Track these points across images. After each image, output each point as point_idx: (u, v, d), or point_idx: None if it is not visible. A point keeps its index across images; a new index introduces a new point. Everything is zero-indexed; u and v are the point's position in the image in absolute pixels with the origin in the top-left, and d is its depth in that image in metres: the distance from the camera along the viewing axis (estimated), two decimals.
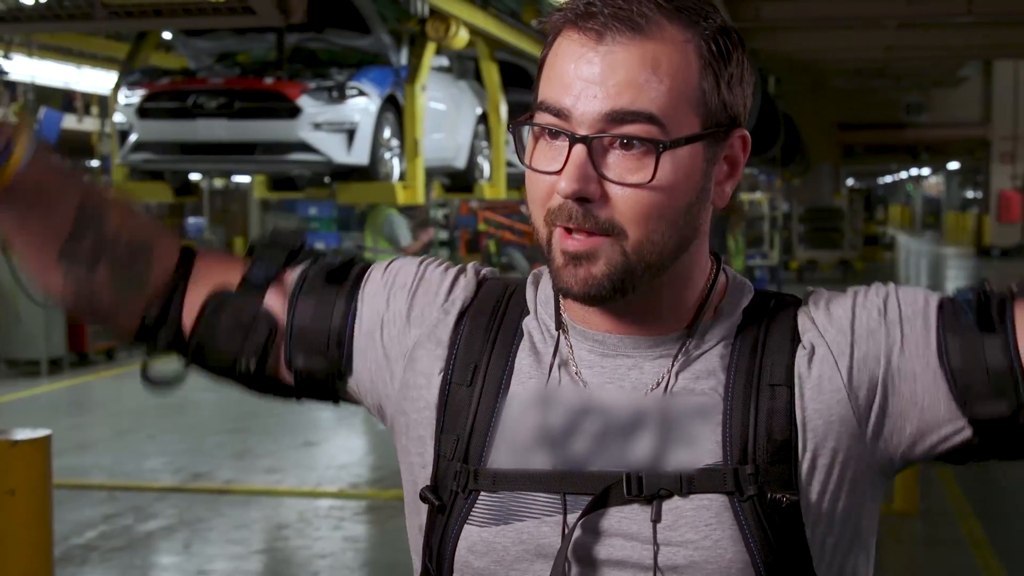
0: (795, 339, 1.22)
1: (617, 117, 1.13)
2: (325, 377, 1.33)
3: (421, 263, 1.35)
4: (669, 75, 1.14)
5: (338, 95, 8.17)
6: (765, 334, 1.23)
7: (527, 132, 1.20)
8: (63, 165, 1.30)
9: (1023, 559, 6.06)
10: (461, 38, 8.81)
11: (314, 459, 8.51)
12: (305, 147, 8.13)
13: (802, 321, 1.23)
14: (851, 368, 1.20)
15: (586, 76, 1.13)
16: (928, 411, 1.19)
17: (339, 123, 8.15)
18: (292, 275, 1.33)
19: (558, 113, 1.15)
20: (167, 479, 7.86)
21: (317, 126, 8.12)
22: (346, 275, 1.34)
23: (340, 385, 1.33)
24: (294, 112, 8.09)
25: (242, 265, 1.34)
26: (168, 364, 1.34)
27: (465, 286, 1.31)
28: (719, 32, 1.17)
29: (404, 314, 1.30)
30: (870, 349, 1.20)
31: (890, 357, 1.20)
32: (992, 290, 1.21)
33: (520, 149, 1.21)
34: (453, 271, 1.33)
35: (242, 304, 1.32)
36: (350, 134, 8.19)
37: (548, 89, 1.16)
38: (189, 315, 1.33)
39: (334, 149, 8.15)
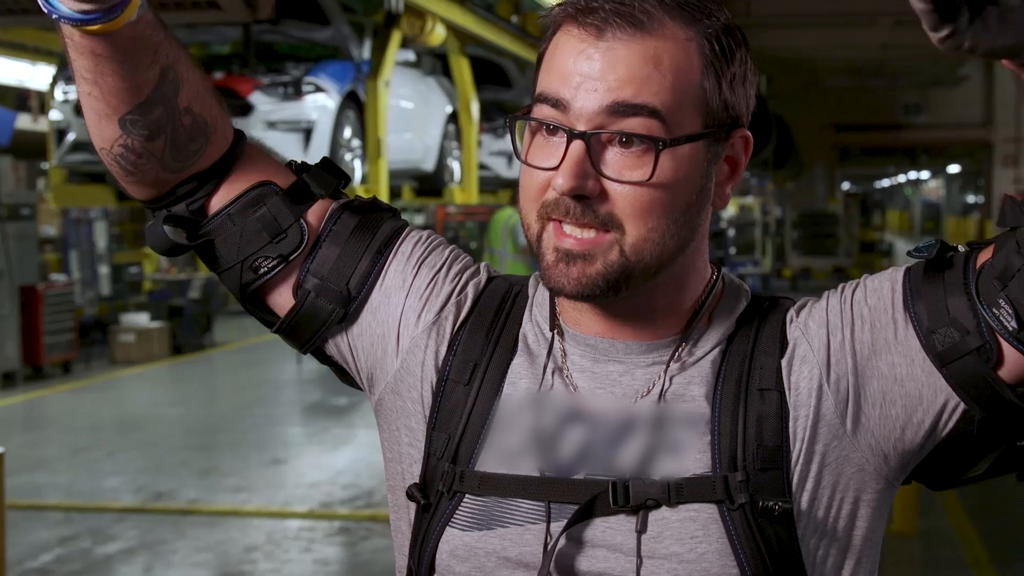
0: (783, 341, 1.22)
1: (618, 110, 1.13)
2: (327, 316, 1.30)
3: (451, 249, 1.34)
4: (671, 72, 1.14)
5: (293, 91, 7.70)
6: (755, 338, 1.23)
7: (525, 127, 1.20)
8: (166, 27, 1.25)
9: None
10: (438, 35, 8.39)
11: (283, 477, 8.34)
12: None
13: (788, 322, 1.24)
14: (828, 360, 1.20)
15: (586, 71, 1.14)
16: (908, 381, 1.18)
17: (294, 122, 7.67)
18: (331, 206, 1.32)
19: (556, 104, 1.15)
20: (127, 499, 7.70)
21: (270, 125, 7.64)
22: (378, 226, 1.32)
23: (333, 331, 1.31)
24: (245, 110, 7.60)
25: (288, 173, 1.33)
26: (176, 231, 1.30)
27: (476, 284, 1.32)
28: (722, 30, 1.18)
29: (423, 293, 1.30)
30: (845, 335, 1.20)
31: (863, 334, 1.19)
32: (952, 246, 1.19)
33: (516, 144, 1.22)
34: (472, 267, 1.34)
35: (280, 208, 1.29)
36: (307, 133, 7.72)
37: (547, 81, 1.17)
38: (221, 199, 1.30)
39: (289, 150, 7.65)
